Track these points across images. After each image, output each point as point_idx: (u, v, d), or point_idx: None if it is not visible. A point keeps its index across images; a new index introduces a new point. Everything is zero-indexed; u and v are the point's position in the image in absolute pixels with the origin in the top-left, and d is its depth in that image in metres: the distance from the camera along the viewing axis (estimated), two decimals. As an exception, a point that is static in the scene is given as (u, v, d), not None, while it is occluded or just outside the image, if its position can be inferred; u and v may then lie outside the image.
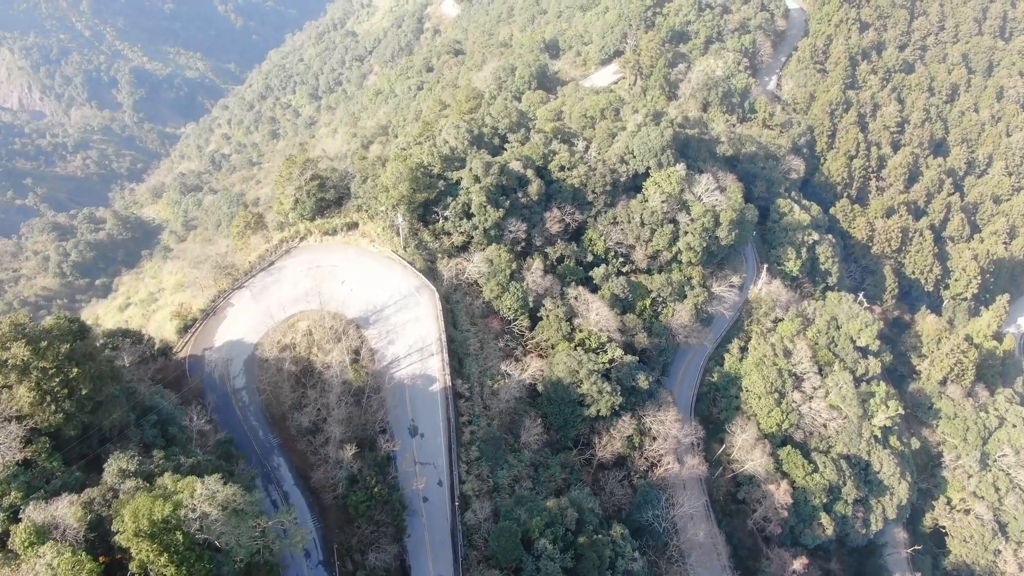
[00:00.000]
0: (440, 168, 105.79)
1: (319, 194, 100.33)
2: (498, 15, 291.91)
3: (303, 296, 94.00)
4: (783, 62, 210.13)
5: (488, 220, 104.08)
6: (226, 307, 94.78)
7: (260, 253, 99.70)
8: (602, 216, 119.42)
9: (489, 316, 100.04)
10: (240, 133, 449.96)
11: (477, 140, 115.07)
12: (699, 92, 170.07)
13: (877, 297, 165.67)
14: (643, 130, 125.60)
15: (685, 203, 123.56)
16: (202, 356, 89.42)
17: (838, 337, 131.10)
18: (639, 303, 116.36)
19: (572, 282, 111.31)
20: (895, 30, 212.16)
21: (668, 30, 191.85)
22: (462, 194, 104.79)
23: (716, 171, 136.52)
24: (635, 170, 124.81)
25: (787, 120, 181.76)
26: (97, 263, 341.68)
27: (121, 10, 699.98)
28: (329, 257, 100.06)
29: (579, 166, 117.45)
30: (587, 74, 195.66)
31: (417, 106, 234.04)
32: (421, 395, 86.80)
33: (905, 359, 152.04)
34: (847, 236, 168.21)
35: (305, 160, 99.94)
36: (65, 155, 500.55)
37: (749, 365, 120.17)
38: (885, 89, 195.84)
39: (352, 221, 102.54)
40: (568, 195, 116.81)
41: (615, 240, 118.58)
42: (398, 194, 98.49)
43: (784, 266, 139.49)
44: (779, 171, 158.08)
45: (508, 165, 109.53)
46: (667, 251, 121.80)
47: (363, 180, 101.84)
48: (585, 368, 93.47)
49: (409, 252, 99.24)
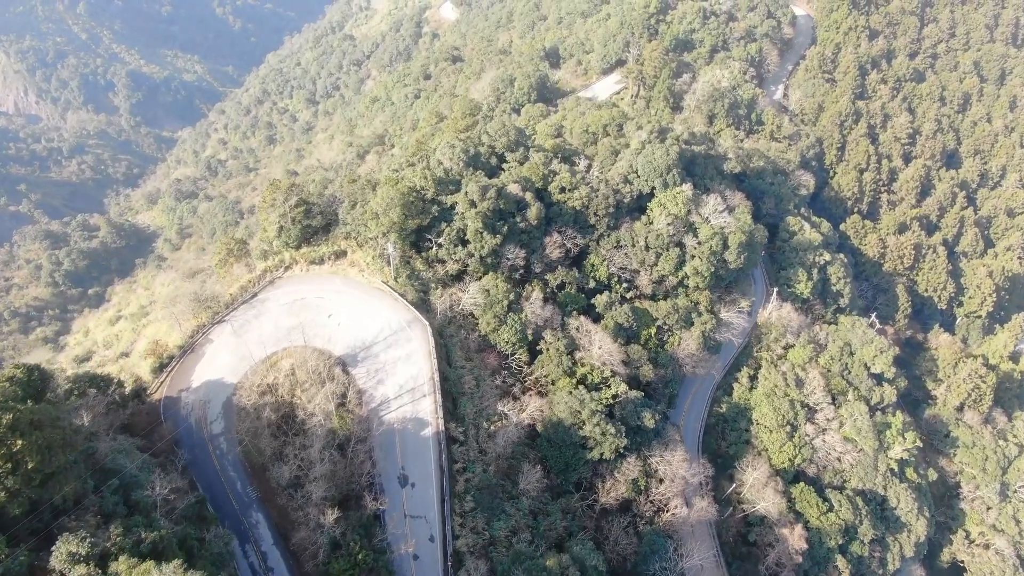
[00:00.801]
0: (434, 192, 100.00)
1: (305, 221, 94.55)
2: (497, 20, 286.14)
3: (287, 331, 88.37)
4: (790, 71, 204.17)
5: (484, 247, 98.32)
6: (205, 343, 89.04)
7: (243, 284, 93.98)
8: (605, 240, 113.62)
9: (485, 351, 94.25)
10: (236, 138, 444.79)
11: (473, 160, 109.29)
12: (704, 104, 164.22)
13: (889, 317, 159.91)
14: (647, 148, 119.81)
15: (692, 225, 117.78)
16: (178, 398, 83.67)
17: (852, 364, 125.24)
18: (644, 332, 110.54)
19: (573, 311, 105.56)
20: (905, 37, 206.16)
21: (672, 39, 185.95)
22: (457, 220, 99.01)
23: (724, 189, 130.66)
24: (639, 190, 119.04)
25: (795, 132, 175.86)
26: (90, 272, 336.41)
27: (118, 13, 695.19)
28: (315, 288, 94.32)
29: (580, 187, 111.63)
30: (588, 84, 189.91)
31: (414, 115, 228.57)
32: (412, 441, 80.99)
33: (920, 383, 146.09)
34: (858, 253, 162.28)
35: (290, 185, 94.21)
36: (60, 160, 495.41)
37: (759, 396, 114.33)
38: (896, 99, 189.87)
39: (340, 249, 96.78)
40: (569, 218, 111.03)
41: (618, 265, 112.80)
42: (389, 221, 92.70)
43: (794, 288, 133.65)
44: (788, 187, 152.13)
45: (506, 188, 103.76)
46: (673, 276, 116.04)
47: (352, 205, 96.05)
48: (587, 408, 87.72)
49: (400, 283, 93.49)
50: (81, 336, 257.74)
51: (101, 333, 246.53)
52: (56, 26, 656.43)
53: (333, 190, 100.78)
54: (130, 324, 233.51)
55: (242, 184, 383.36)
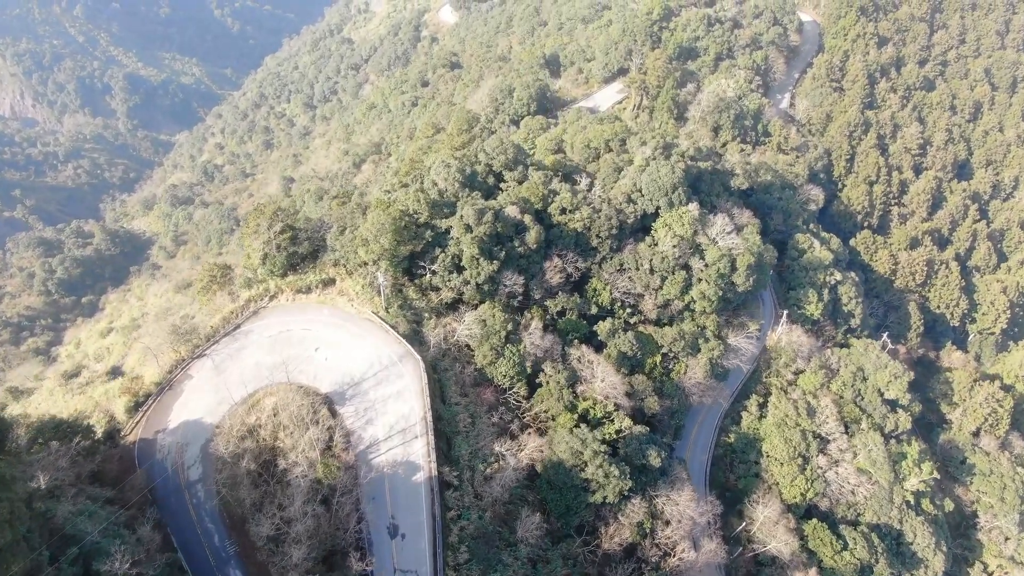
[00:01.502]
0: (427, 216, 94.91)
1: (291, 248, 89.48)
2: (496, 26, 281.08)
3: (271, 367, 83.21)
4: (796, 79, 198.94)
5: (481, 274, 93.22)
6: (184, 380, 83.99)
7: (225, 315, 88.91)
8: (607, 263, 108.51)
9: (482, 385, 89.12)
10: (233, 143, 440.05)
11: (469, 181, 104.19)
12: (710, 115, 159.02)
13: (901, 335, 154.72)
14: (652, 165, 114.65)
15: (698, 247, 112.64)
16: (154, 440, 78.62)
17: (865, 390, 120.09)
18: (648, 360, 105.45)
19: (575, 339, 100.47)
20: (914, 44, 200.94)
21: (675, 47, 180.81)
22: (452, 245, 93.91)
23: (731, 207, 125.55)
24: (643, 210, 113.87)
25: (802, 143, 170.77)
26: (84, 280, 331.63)
27: (115, 15, 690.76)
28: (302, 319, 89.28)
29: (582, 208, 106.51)
30: (590, 93, 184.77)
31: (411, 123, 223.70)
32: (403, 487, 75.91)
33: (934, 406, 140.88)
34: (868, 270, 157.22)
35: (275, 210, 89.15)
36: (56, 164, 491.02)
37: (769, 426, 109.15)
38: (906, 109, 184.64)
39: (328, 277, 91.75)
40: (570, 240, 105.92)
41: (622, 290, 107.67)
42: (379, 248, 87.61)
43: (804, 309, 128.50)
44: (796, 202, 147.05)
45: (503, 211, 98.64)
46: (679, 300, 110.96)
47: (340, 231, 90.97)
48: (589, 449, 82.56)
49: (392, 313, 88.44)
50: (72, 348, 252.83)
51: (92, 345, 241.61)
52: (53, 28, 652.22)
53: (321, 214, 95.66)
54: (121, 337, 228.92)
55: (238, 190, 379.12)
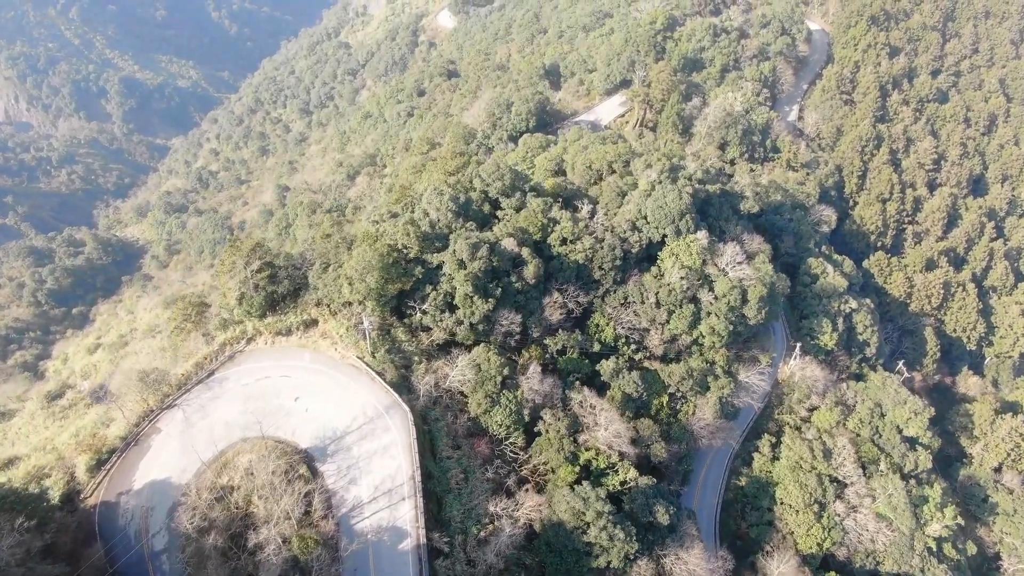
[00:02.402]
0: (418, 250, 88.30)
1: (270, 287, 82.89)
2: (495, 32, 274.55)
3: (247, 418, 76.62)
4: (805, 90, 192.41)
5: (475, 314, 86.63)
6: (152, 433, 77.33)
7: (198, 360, 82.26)
8: (611, 296, 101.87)
9: (476, 436, 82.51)
10: (229, 149, 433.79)
11: (463, 209, 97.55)
12: (716, 131, 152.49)
13: (917, 362, 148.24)
14: (658, 190, 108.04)
15: (707, 277, 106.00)
16: (117, 504, 71.98)
17: (883, 427, 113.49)
18: (655, 401, 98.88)
19: (576, 380, 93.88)
20: (927, 55, 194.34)
21: (680, 58, 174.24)
22: (444, 282, 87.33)
23: (740, 232, 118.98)
24: (649, 238, 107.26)
25: (812, 159, 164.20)
26: (75, 290, 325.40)
27: (112, 17, 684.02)
28: (281, 365, 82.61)
29: (584, 238, 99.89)
30: (591, 106, 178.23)
31: (407, 134, 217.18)
32: (388, 557, 69.26)
33: (953, 439, 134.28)
34: (882, 292, 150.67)
35: (252, 246, 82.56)
36: (50, 170, 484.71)
37: (783, 470, 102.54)
38: (920, 122, 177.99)
39: (310, 318, 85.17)
40: (571, 273, 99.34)
41: (627, 325, 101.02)
42: (365, 288, 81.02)
43: (818, 340, 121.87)
44: (808, 223, 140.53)
45: (499, 244, 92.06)
46: (687, 334, 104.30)
47: (323, 268, 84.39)
48: (592, 509, 75.94)
49: (379, 359, 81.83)
50: (59, 364, 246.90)
51: (79, 362, 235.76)
52: (48, 31, 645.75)
53: (303, 248, 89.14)
54: (108, 355, 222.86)
55: (233, 197, 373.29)
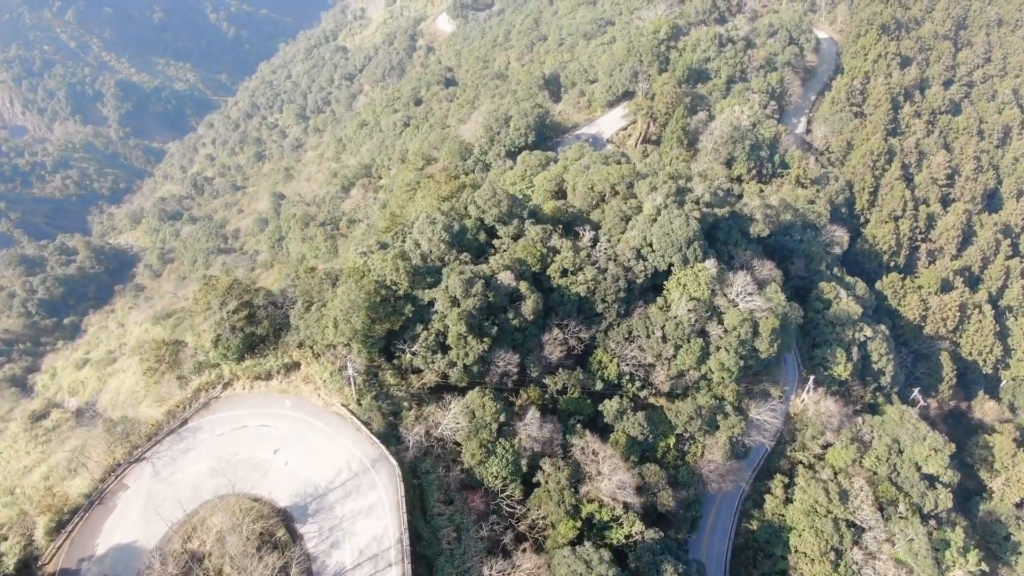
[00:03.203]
0: (408, 286, 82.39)
1: (248, 328, 76.92)
2: (494, 39, 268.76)
3: (222, 473, 70.82)
4: (813, 101, 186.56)
5: (469, 355, 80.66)
6: (118, 490, 71.39)
7: (170, 407, 76.34)
8: (614, 330, 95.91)
9: (469, 490, 76.56)
10: (224, 154, 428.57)
11: (458, 239, 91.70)
12: (723, 147, 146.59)
13: (932, 387, 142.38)
14: (663, 215, 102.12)
15: (717, 309, 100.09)
16: (78, 571, 66.05)
17: (901, 464, 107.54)
18: (661, 444, 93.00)
19: (577, 423, 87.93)
20: (939, 65, 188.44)
21: (684, 68, 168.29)
22: (436, 320, 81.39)
23: (750, 258, 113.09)
24: (655, 267, 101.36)
25: (822, 175, 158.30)
26: (66, 300, 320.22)
27: (108, 20, 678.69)
28: (259, 413, 76.70)
29: (585, 268, 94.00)
30: (592, 118, 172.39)
31: (403, 145, 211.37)
32: (372, 632, 63.49)
33: (972, 471, 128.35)
34: (896, 315, 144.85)
35: (230, 285, 76.63)
36: (44, 175, 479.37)
37: (797, 514, 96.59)
38: (932, 135, 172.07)
39: (292, 361, 79.24)
40: (572, 306, 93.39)
41: (631, 361, 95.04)
42: (350, 329, 75.07)
43: (831, 370, 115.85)
44: (819, 244, 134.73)
45: (496, 278, 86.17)
46: (695, 370, 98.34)
47: (306, 307, 78.45)
48: (595, 574, 70.04)
49: (365, 406, 75.91)
50: (48, 378, 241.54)
51: (67, 377, 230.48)
52: (44, 34, 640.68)
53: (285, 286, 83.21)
54: (95, 372, 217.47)
55: (228, 204, 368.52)
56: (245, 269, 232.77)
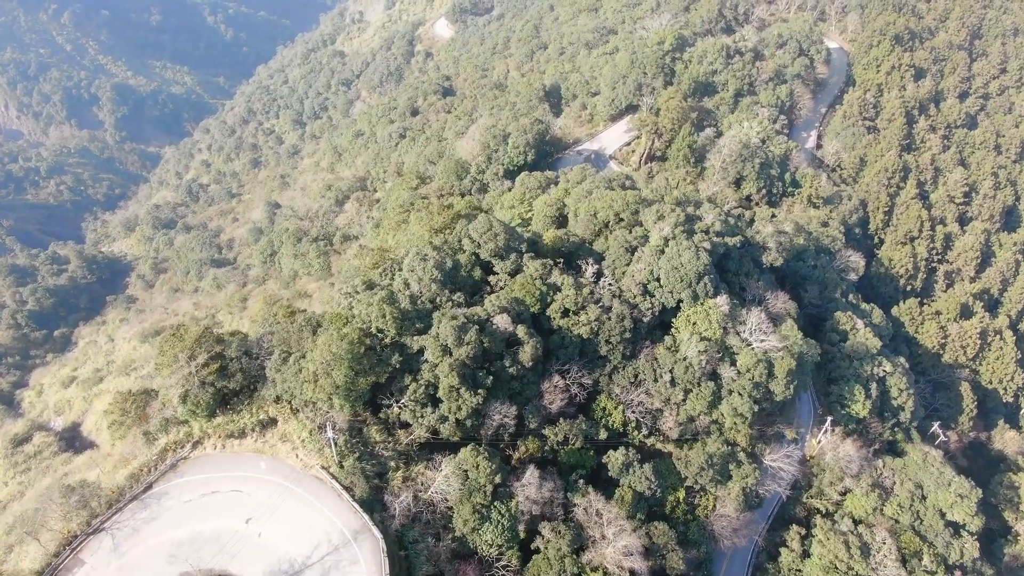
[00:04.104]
0: (395, 333, 75.77)
1: (220, 382, 70.27)
2: (493, 46, 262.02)
3: (187, 547, 64.25)
4: (823, 114, 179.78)
5: (462, 409, 73.99)
6: (75, 566, 64.78)
7: (134, 469, 69.68)
8: (619, 374, 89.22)
9: (463, 560, 69.92)
10: (220, 161, 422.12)
11: (450, 276, 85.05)
12: (732, 165, 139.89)
13: (951, 419, 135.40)
14: (671, 247, 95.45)
15: (729, 349, 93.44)
16: (24, 663, 59.56)
17: (924, 511, 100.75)
18: (670, 498, 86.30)
19: (580, 478, 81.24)
20: (954, 76, 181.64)
21: (690, 81, 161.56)
22: (425, 371, 74.73)
23: (763, 290, 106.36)
24: (663, 303, 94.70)
25: (834, 193, 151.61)
26: (57, 311, 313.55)
27: (105, 23, 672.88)
28: (232, 476, 70.06)
29: (589, 308, 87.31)
30: (594, 133, 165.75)
31: (398, 157, 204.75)
32: None
33: (996, 511, 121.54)
34: (913, 343, 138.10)
35: (198, 336, 70.00)
36: (38, 181, 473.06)
37: (816, 570, 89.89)
38: (949, 151, 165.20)
39: (268, 417, 72.59)
40: (574, 349, 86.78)
41: (638, 408, 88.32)
42: (331, 384, 68.41)
43: (849, 408, 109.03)
44: (834, 269, 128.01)
45: (491, 321, 79.50)
46: (706, 415, 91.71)
47: (283, 359, 71.75)
48: (600, 660, 63.49)
49: (347, 469, 69.21)
50: (35, 395, 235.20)
51: (54, 396, 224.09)
52: (39, 37, 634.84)
53: (262, 333, 76.49)
54: (81, 391, 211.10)
55: (223, 212, 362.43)
56: (237, 284, 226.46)
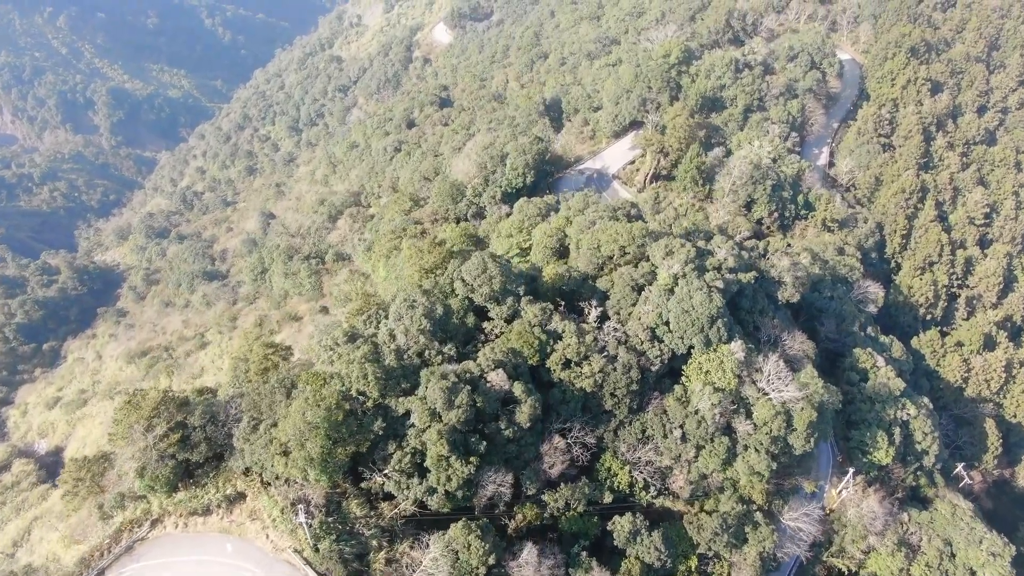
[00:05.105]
0: (378, 394, 68.45)
1: (182, 454, 63.00)
2: (492, 54, 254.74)
3: (141, 647, 57.07)
4: (836, 129, 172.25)
5: (452, 480, 66.67)
6: (12, 669, 57.63)
7: (86, 552, 62.39)
8: (625, 429, 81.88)
9: (451, 655, 62.66)
10: (215, 168, 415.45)
11: (441, 324, 77.70)
12: (742, 188, 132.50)
13: (975, 456, 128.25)
14: (682, 286, 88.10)
15: (744, 401, 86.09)
16: None
17: (954, 570, 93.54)
18: (681, 568, 78.92)
19: (582, 550, 73.92)
20: (972, 90, 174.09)
21: (698, 96, 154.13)
22: (412, 437, 67.43)
23: (779, 329, 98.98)
24: (672, 349, 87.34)
25: (849, 215, 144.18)
26: (47, 323, 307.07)
27: (101, 26, 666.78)
28: (195, 560, 62.76)
29: (592, 357, 79.95)
30: (597, 150, 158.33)
31: (393, 172, 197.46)
32: None
33: None
34: (934, 376, 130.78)
35: (156, 403, 62.74)
36: (31, 187, 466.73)
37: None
38: (969, 170, 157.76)
39: (236, 492, 65.31)
40: (576, 404, 79.47)
41: (645, 468, 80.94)
42: (304, 458, 61.08)
43: (871, 456, 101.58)
44: (851, 301, 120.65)
45: (485, 378, 72.15)
46: (720, 472, 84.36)
47: (253, 427, 64.45)
48: None
49: (324, 552, 61.91)
50: (19, 415, 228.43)
51: (38, 417, 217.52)
52: (34, 40, 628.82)
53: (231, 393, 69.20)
54: (64, 414, 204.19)
55: (218, 220, 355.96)
56: (227, 302, 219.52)
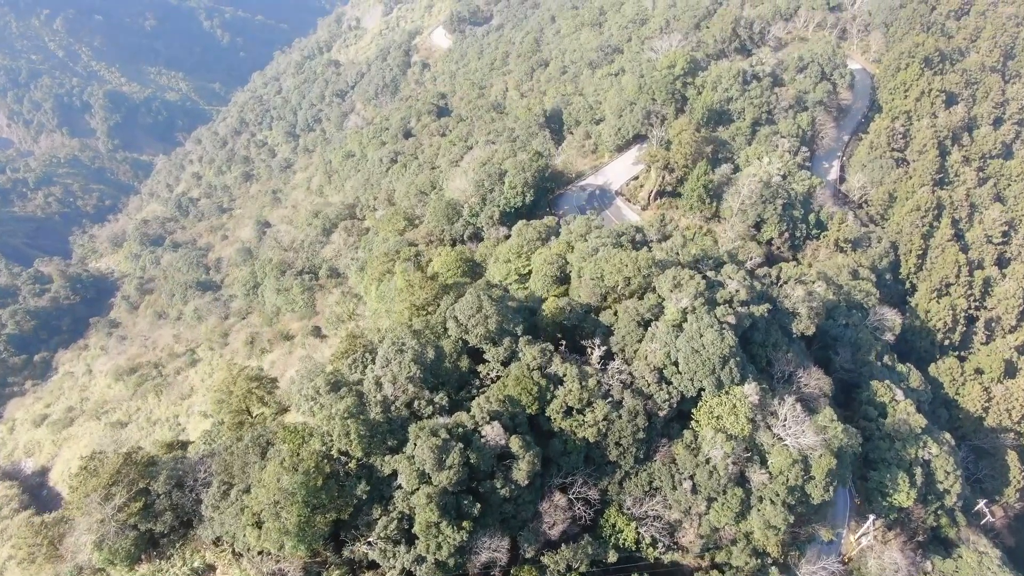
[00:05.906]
0: (362, 453, 62.61)
1: (144, 524, 57.25)
2: (491, 61, 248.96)
3: None
4: (846, 142, 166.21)
5: (443, 548, 60.83)
6: None
7: (37, 633, 56.60)
8: (631, 481, 76.03)
9: None
10: (211, 173, 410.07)
11: (432, 370, 71.89)
12: (751, 208, 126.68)
13: (996, 490, 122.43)
14: (691, 323, 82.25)
15: (759, 448, 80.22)
16: None
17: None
18: (692, 633, 73.14)
19: (585, 617, 68.22)
20: (987, 102, 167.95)
21: (704, 109, 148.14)
22: (399, 499, 61.62)
23: (793, 365, 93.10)
24: (681, 391, 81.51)
25: (863, 235, 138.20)
26: (39, 334, 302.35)
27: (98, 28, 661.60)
28: (158, 643, 57.08)
29: (596, 404, 74.10)
30: (599, 165, 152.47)
31: (389, 183, 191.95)
32: None
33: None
34: (953, 405, 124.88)
35: (115, 470, 56.94)
36: (26, 192, 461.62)
37: None
38: (985, 186, 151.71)
39: (205, 564, 59.47)
40: (579, 456, 73.63)
41: (653, 522, 75.08)
42: (279, 530, 55.25)
43: (892, 499, 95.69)
44: (867, 329, 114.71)
45: (479, 432, 66.32)
46: (732, 526, 78.50)
47: (223, 492, 58.65)
48: None
49: (299, 633, 56.16)
50: (6, 431, 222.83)
51: (25, 435, 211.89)
52: (31, 43, 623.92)
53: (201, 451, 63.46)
54: (51, 433, 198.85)
55: (213, 228, 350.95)
56: (218, 317, 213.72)
